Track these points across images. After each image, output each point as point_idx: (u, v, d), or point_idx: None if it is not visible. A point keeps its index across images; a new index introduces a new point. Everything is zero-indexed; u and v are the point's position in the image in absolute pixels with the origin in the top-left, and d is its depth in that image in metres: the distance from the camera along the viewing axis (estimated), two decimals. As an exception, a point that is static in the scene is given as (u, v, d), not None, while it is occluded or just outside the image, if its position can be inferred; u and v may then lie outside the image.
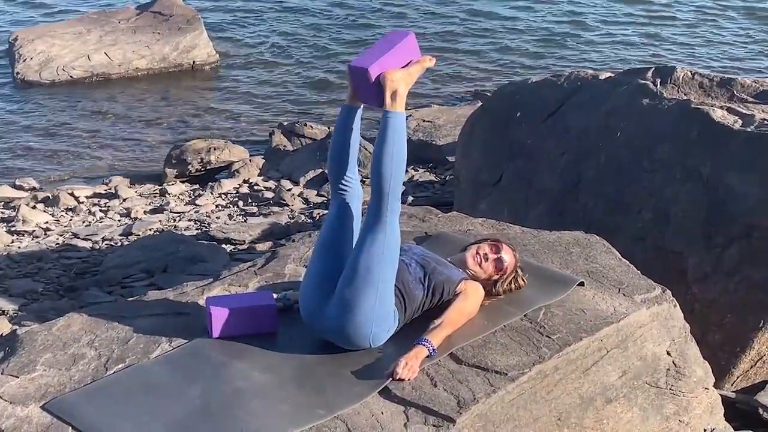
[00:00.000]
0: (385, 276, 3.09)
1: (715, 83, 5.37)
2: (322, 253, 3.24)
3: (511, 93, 6.53)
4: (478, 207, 6.01)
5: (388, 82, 3.08)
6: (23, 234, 7.70)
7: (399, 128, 3.07)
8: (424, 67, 3.21)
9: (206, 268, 6.13)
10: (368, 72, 3.10)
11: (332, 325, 3.14)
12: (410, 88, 3.17)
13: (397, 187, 3.07)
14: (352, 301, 3.08)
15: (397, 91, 3.09)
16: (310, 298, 3.21)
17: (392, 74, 3.10)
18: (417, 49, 3.25)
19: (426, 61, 3.22)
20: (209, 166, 9.48)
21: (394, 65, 3.15)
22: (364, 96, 3.20)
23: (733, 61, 13.14)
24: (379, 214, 3.07)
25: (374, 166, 3.08)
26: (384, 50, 3.16)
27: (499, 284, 3.50)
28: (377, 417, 2.85)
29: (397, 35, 3.24)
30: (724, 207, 4.61)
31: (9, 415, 2.87)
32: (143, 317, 3.50)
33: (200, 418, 2.83)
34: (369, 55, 3.17)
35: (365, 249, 3.08)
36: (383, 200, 3.05)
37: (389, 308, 3.15)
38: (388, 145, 3.05)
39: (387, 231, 3.07)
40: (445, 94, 12.02)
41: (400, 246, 3.18)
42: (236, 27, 15.36)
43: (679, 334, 3.65)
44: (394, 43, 3.18)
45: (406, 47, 3.20)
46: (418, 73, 3.21)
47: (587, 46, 14.15)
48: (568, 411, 3.17)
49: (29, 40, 13.03)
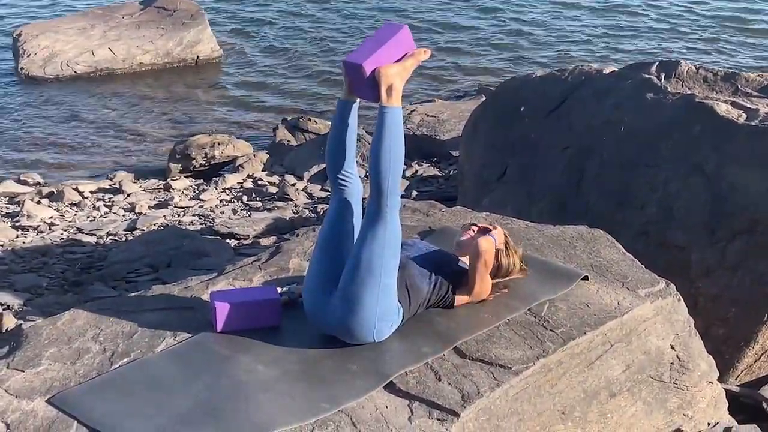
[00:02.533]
0: (387, 271, 3.09)
1: (720, 77, 5.37)
2: (324, 250, 3.23)
3: (514, 87, 6.53)
4: (481, 201, 6.01)
5: (383, 77, 3.05)
6: (28, 229, 7.72)
7: (396, 123, 3.05)
8: (419, 60, 3.18)
9: (210, 263, 6.14)
10: (363, 67, 3.06)
11: (336, 321, 3.14)
12: (407, 82, 3.15)
13: (396, 183, 3.05)
14: (354, 297, 3.08)
15: (392, 85, 3.06)
16: (313, 294, 3.21)
17: (387, 69, 3.07)
18: (411, 41, 3.21)
19: (421, 54, 3.18)
20: (213, 161, 9.49)
21: (389, 59, 3.12)
22: (359, 91, 3.17)
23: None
24: (378, 210, 3.05)
25: (372, 162, 3.06)
26: (378, 44, 3.12)
27: (501, 255, 3.49)
28: (381, 411, 2.85)
29: (390, 28, 3.20)
30: (728, 201, 4.60)
31: (14, 409, 2.88)
32: (148, 312, 3.51)
33: (205, 412, 2.84)
34: (363, 49, 3.14)
35: (366, 245, 3.07)
36: (382, 196, 3.04)
37: (392, 303, 3.15)
38: (385, 141, 3.02)
39: (387, 227, 3.05)
40: (448, 89, 12.02)
41: (402, 240, 3.18)
42: (240, 21, 15.37)
43: (683, 328, 3.65)
44: (388, 37, 3.14)
45: (400, 40, 3.16)
46: (414, 67, 3.17)
47: (591, 40, 14.12)
48: (572, 405, 3.17)
49: (33, 36, 13.06)
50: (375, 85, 3.07)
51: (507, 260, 3.52)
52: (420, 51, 3.18)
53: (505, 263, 3.52)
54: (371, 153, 3.06)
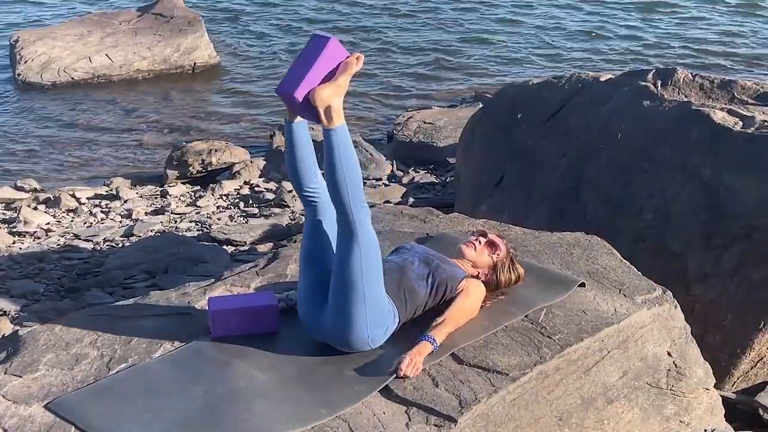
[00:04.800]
0: (370, 282, 3.08)
1: (716, 85, 5.39)
2: (307, 266, 3.25)
3: (512, 94, 6.54)
4: (479, 208, 6.02)
5: (318, 101, 2.98)
6: (24, 235, 7.71)
7: (342, 142, 3.00)
8: (352, 72, 3.07)
9: (207, 269, 6.13)
10: (294, 97, 3.00)
11: (330, 333, 3.17)
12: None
13: (357, 197, 3.02)
14: (343, 312, 3.10)
15: (330, 106, 3.00)
16: (305, 307, 3.24)
17: (321, 92, 2.98)
18: (342, 51, 3.10)
19: (352, 64, 3.06)
20: (210, 167, 9.48)
21: (320, 78, 3.03)
22: (301, 114, 3.11)
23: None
24: (348, 227, 3.04)
25: (329, 184, 3.04)
26: (307, 66, 3.03)
27: (499, 269, 3.52)
28: (379, 417, 2.85)
29: (318, 43, 3.08)
30: (725, 208, 4.61)
31: (12, 415, 2.88)
32: (145, 317, 3.51)
33: (202, 418, 2.84)
34: (293, 74, 3.05)
35: (343, 263, 3.07)
36: (347, 214, 3.02)
37: (383, 310, 3.16)
38: (336, 162, 2.99)
39: (360, 241, 3.04)
40: (446, 96, 12.03)
41: (400, 245, 3.18)
42: (237, 28, 15.38)
43: (680, 334, 3.66)
44: (317, 53, 3.04)
45: (329, 55, 3.06)
46: (348, 81, 3.07)
47: (590, 48, 14.16)
48: (569, 411, 3.17)
49: (30, 42, 13.05)
50: (313, 108, 3.01)
51: (507, 276, 3.56)
52: (351, 61, 3.07)
53: (504, 280, 3.56)
54: (326, 176, 3.04)
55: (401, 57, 13.72)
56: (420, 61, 13.54)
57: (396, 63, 13.48)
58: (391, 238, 4.18)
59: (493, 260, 3.55)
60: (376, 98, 11.99)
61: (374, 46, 14.17)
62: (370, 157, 9.22)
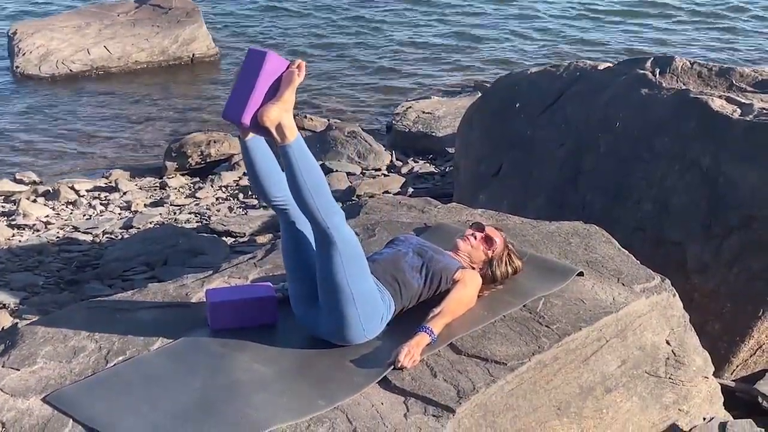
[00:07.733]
0: (355, 282, 3.08)
1: (714, 73, 5.37)
2: (291, 269, 3.25)
3: (510, 84, 6.53)
4: (477, 198, 6.01)
5: (267, 122, 2.95)
6: (24, 228, 7.71)
7: (301, 155, 2.98)
8: (296, 84, 3.02)
9: (206, 261, 6.14)
10: (242, 123, 2.99)
11: (325, 330, 3.18)
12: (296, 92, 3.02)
13: (326, 205, 3.00)
14: (334, 312, 3.11)
15: (280, 124, 2.97)
16: (298, 307, 3.25)
17: (268, 113, 2.95)
18: (281, 62, 3.04)
19: (294, 76, 3.00)
20: (209, 159, 9.47)
21: (263, 97, 2.99)
22: (253, 132, 3.07)
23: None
24: (323, 234, 3.03)
25: (294, 198, 3.02)
26: (249, 86, 2.98)
27: (495, 264, 3.52)
28: (377, 407, 2.86)
29: (255, 58, 3.02)
30: (724, 197, 4.61)
31: (10, 408, 2.88)
32: (144, 310, 3.51)
33: (200, 410, 2.84)
34: (236, 99, 3.00)
35: (325, 269, 3.07)
36: (320, 223, 3.01)
37: (374, 303, 3.16)
38: (298, 176, 2.97)
39: (339, 245, 3.03)
40: (444, 86, 12.01)
41: (395, 237, 3.15)
42: (235, 19, 15.35)
43: (679, 323, 3.66)
44: (257, 71, 2.98)
45: (269, 70, 3.00)
46: (293, 93, 3.02)
47: (587, 36, 14.13)
48: (568, 401, 3.17)
49: (28, 34, 13.03)
50: (263, 128, 2.99)
51: (503, 270, 3.56)
52: (293, 72, 3.01)
53: (500, 274, 3.56)
54: (291, 190, 3.02)
55: (400, 47, 13.70)
56: (419, 51, 13.51)
57: (395, 53, 13.46)
58: (389, 229, 4.18)
59: (489, 255, 3.54)
60: (375, 88, 11.97)
61: (373, 36, 14.14)
62: (369, 148, 9.21)
